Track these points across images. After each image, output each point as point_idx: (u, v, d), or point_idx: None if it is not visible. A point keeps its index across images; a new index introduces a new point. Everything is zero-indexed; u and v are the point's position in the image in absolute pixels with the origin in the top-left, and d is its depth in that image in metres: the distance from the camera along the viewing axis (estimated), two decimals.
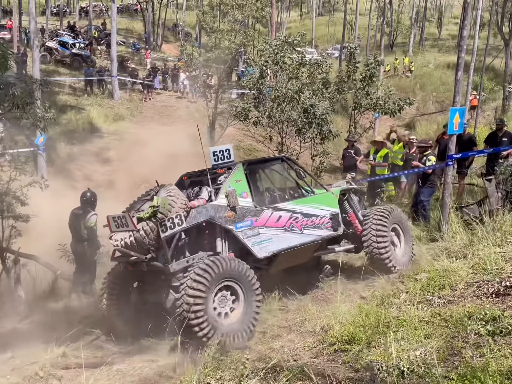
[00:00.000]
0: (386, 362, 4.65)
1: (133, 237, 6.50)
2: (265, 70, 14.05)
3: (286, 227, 7.43)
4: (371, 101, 13.50)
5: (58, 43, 34.61)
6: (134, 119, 28.69)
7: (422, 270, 7.21)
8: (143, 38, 46.74)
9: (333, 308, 6.41)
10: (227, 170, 7.38)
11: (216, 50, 20.66)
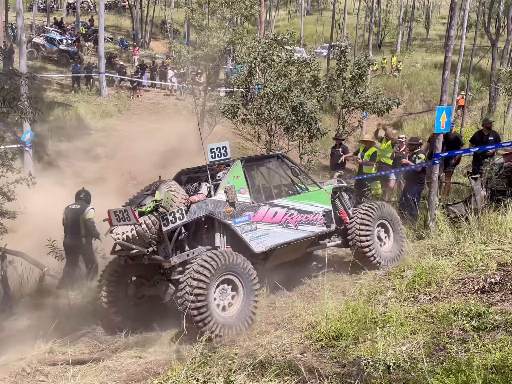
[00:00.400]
0: (373, 357, 4.71)
1: (135, 230, 6.64)
2: (254, 67, 14.05)
3: (282, 223, 7.62)
4: (360, 100, 13.56)
5: (45, 39, 34.34)
6: (121, 116, 28.58)
7: (408, 267, 7.30)
8: (131, 35, 46.50)
9: (320, 305, 6.45)
10: (225, 166, 7.59)
11: (204, 48, 20.63)
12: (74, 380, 5.45)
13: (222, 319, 6.39)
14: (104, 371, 5.74)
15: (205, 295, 6.26)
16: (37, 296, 9.19)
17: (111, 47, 40.66)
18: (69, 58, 33.44)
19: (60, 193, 21.11)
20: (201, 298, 6.21)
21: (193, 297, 6.17)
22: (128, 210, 6.62)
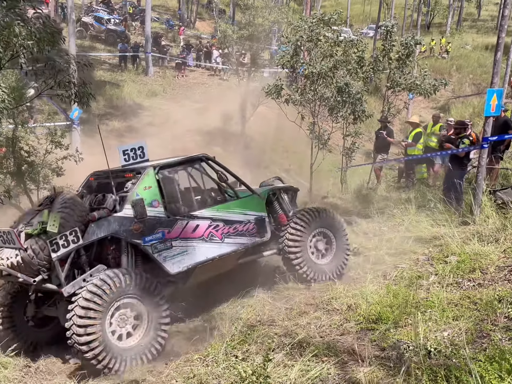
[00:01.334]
0: (413, 342, 4.67)
1: (20, 256, 5.65)
2: (299, 47, 13.91)
3: (204, 237, 6.67)
4: (406, 81, 13.25)
5: (93, 19, 34.83)
6: (166, 96, 28.85)
7: (452, 253, 7.14)
8: (177, 15, 46.66)
9: (361, 288, 6.41)
10: (135, 174, 6.49)
11: (249, 27, 20.53)
12: None
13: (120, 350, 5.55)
14: None
15: (96, 332, 5.36)
16: None
17: (157, 26, 40.93)
18: (116, 37, 33.84)
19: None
20: (91, 330, 5.32)
21: (81, 329, 5.28)
22: (11, 232, 5.66)
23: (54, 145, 12.91)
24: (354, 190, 13.84)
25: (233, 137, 23.59)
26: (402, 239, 8.58)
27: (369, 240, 8.95)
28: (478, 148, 9.63)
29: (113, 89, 27.23)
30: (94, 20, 34.66)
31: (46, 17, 6.61)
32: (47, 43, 6.30)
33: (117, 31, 34.26)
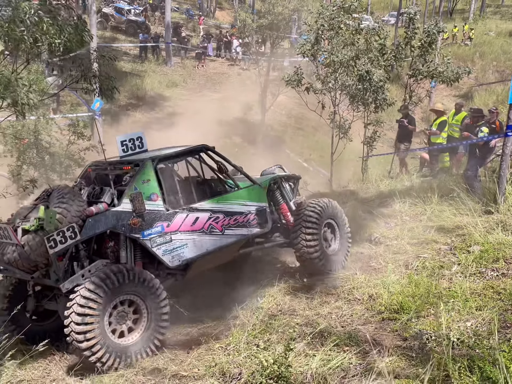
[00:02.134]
0: (436, 332, 4.63)
1: (16, 252, 5.64)
2: (320, 35, 13.80)
3: (204, 230, 6.60)
4: (428, 69, 13.06)
5: (114, 9, 34.96)
6: (187, 86, 28.91)
7: (475, 242, 7.06)
8: (197, 5, 46.61)
9: (382, 278, 6.38)
10: (133, 167, 6.37)
11: (269, 16, 20.44)
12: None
13: (117, 347, 5.48)
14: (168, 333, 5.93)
15: (95, 330, 5.31)
16: None
17: (177, 16, 40.93)
18: (137, 28, 33.94)
19: None
20: (89, 328, 5.27)
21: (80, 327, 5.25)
22: (7, 228, 5.60)
23: (76, 136, 13.06)
24: (375, 180, 13.74)
25: (253, 127, 23.60)
26: (424, 228, 8.51)
27: (391, 230, 8.88)
28: (502, 136, 9.47)
29: (134, 79, 27.37)
30: (115, 10, 34.78)
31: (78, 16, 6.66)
32: (76, 44, 6.37)
33: (137, 22, 34.36)
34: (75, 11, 6.60)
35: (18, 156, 12.34)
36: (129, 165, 6.40)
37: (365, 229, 8.95)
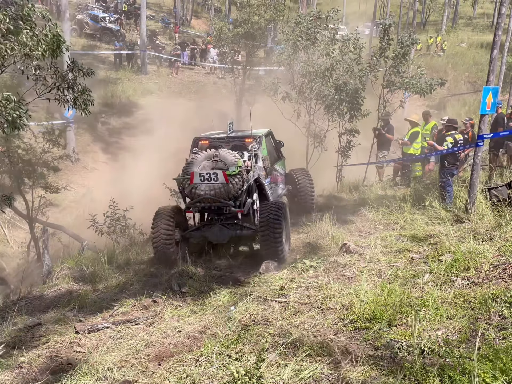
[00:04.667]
0: (407, 341, 4.65)
1: (223, 188, 8.65)
2: (298, 45, 13.93)
3: (277, 182, 10.49)
4: (402, 80, 13.22)
5: (88, 17, 34.69)
6: (162, 94, 28.79)
7: (447, 251, 7.13)
8: (173, 13, 46.56)
9: (355, 287, 6.39)
10: (256, 138, 9.70)
11: (245, 25, 20.50)
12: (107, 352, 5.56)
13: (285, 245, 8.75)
14: (139, 345, 5.83)
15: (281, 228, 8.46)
16: (77, 267, 9.40)
17: (152, 25, 40.81)
18: (112, 35, 33.73)
19: (100, 168, 21.57)
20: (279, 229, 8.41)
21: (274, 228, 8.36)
22: (219, 173, 8.63)
23: (51, 144, 12.87)
24: (349, 188, 13.82)
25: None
26: (397, 237, 8.58)
27: (364, 239, 8.92)
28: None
29: (108, 87, 27.14)
30: (89, 18, 34.52)
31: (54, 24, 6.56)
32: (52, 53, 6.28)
33: (112, 29, 34.15)
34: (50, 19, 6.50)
35: None
36: (251, 138, 9.74)
37: (338, 238, 8.97)
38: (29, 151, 12.26)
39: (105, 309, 7.25)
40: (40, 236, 11.20)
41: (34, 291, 8.61)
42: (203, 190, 8.65)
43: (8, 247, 15.80)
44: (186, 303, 7.16)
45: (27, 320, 6.96)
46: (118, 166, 21.89)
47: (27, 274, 11.14)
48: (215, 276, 8.30)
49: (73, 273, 9.07)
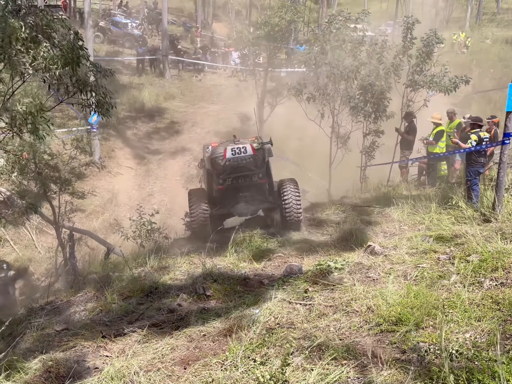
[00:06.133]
0: (435, 344, 4.57)
1: (252, 158, 10.48)
2: (325, 46, 13.92)
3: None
4: (425, 79, 13.07)
5: (111, 23, 35.10)
6: (184, 98, 28.98)
7: (474, 251, 7.01)
8: (194, 17, 46.83)
9: (381, 288, 6.32)
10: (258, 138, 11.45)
11: (265, 28, 20.50)
12: (133, 356, 5.60)
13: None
14: (165, 348, 5.86)
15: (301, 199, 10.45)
16: (103, 272, 9.50)
17: (174, 29, 41.11)
18: (134, 41, 34.08)
19: (125, 173, 21.78)
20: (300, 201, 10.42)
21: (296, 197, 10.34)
22: (247, 146, 10.55)
23: (79, 151, 13.03)
24: (373, 189, 13.71)
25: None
26: (423, 237, 8.46)
27: (389, 240, 8.83)
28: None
29: (131, 92, 27.42)
30: (112, 24, 34.93)
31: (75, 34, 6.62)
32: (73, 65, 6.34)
33: (134, 35, 34.49)
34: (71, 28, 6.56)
35: (19, 171, 12.29)
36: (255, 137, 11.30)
37: (363, 239, 8.90)
38: (56, 157, 12.40)
39: (131, 313, 7.30)
40: (67, 241, 11.34)
41: (61, 296, 8.73)
42: (236, 161, 10.45)
43: (36, 252, 16.07)
44: (211, 306, 7.17)
45: (55, 325, 7.05)
46: (142, 171, 22.11)
47: (55, 279, 11.30)
48: (239, 279, 8.27)
49: (99, 277, 9.16)
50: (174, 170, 21.65)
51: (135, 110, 26.43)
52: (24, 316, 7.73)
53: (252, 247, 9.60)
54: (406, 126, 13.70)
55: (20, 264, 15.08)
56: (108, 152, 22.32)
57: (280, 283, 7.45)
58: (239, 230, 10.29)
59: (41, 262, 15.48)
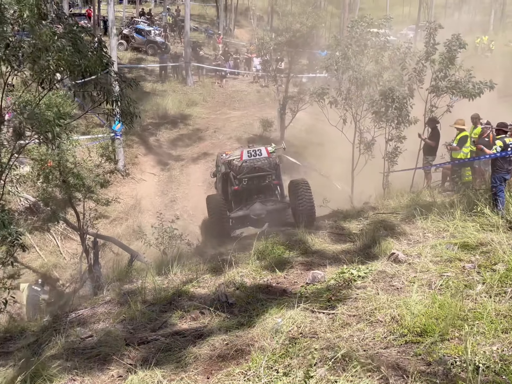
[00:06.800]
0: (461, 356, 4.50)
1: (266, 160, 11.67)
2: (347, 51, 13.88)
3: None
4: (449, 84, 12.93)
5: (134, 31, 35.48)
6: (206, 104, 29.13)
7: (500, 260, 6.90)
8: (216, 24, 47.09)
9: (405, 298, 6.25)
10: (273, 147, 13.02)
11: (287, 34, 20.52)
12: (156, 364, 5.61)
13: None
14: (188, 357, 5.87)
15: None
16: (126, 279, 9.57)
17: (196, 36, 41.38)
18: (157, 48, 34.38)
19: (148, 179, 21.96)
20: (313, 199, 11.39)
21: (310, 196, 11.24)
22: (262, 149, 11.84)
23: (104, 159, 13.22)
24: (396, 195, 13.59)
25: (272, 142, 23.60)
26: (447, 245, 8.34)
27: (413, 247, 8.73)
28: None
29: (154, 99, 27.67)
30: (135, 32, 35.30)
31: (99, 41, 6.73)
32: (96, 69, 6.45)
33: (157, 42, 34.81)
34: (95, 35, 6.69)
35: (44, 179, 12.49)
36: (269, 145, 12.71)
37: (386, 246, 8.81)
38: (79, 165, 12.58)
39: (154, 320, 7.34)
40: (91, 248, 11.47)
41: (85, 303, 8.81)
42: (252, 162, 11.56)
43: (61, 258, 16.28)
44: (233, 315, 7.16)
45: (79, 332, 7.11)
46: (165, 177, 22.26)
47: (79, 285, 11.42)
48: (261, 286, 8.26)
49: (123, 284, 9.23)
50: (197, 176, 21.74)
51: (158, 116, 26.67)
52: (49, 323, 7.82)
53: (274, 255, 9.57)
54: (429, 132, 13.57)
55: (45, 270, 15.29)
56: (132, 159, 22.53)
57: (303, 292, 7.42)
58: (261, 237, 10.27)
59: (66, 268, 15.67)
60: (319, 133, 24.25)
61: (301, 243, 10.30)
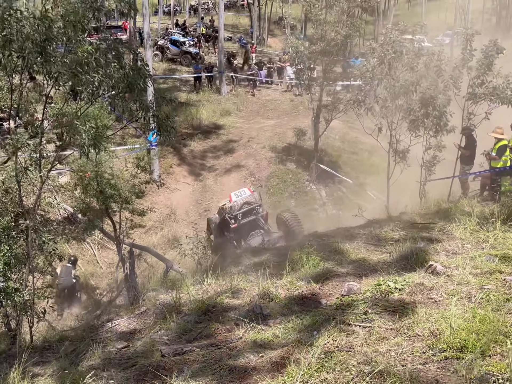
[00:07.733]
0: (503, 374, 4.36)
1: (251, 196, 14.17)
2: (384, 58, 13.77)
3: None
4: (486, 91, 12.67)
5: (169, 42, 35.99)
6: (240, 114, 29.29)
7: None
8: (249, 33, 47.39)
9: (444, 311, 6.10)
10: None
11: (321, 43, 20.48)
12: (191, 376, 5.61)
13: None
14: (223, 369, 5.85)
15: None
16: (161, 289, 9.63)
17: (230, 46, 41.71)
18: (191, 59, 34.80)
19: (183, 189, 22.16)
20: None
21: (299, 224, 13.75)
22: (245, 189, 14.44)
23: (140, 170, 13.39)
24: (434, 205, 13.34)
25: (306, 153, 23.53)
26: (487, 257, 8.11)
27: (451, 259, 8.52)
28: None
29: (188, 109, 27.95)
30: (170, 43, 35.81)
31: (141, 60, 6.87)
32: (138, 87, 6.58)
33: (191, 53, 35.23)
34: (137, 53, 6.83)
35: (82, 189, 12.71)
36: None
37: (424, 258, 8.64)
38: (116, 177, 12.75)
39: (189, 331, 7.36)
40: (127, 258, 11.60)
41: (121, 312, 8.90)
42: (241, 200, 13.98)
43: (98, 267, 16.54)
44: (268, 327, 7.12)
45: (116, 342, 7.19)
46: (199, 186, 22.43)
47: (115, 295, 11.56)
48: (296, 298, 8.19)
49: (158, 294, 9.30)
50: (230, 185, 21.81)
51: (192, 127, 26.92)
52: (87, 332, 7.92)
53: (309, 265, 9.49)
54: (465, 140, 13.32)
55: (83, 278, 15.54)
56: (166, 169, 22.78)
57: (338, 304, 7.32)
58: (295, 248, 10.23)
59: (102, 277, 15.90)
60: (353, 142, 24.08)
61: (336, 253, 10.19)
